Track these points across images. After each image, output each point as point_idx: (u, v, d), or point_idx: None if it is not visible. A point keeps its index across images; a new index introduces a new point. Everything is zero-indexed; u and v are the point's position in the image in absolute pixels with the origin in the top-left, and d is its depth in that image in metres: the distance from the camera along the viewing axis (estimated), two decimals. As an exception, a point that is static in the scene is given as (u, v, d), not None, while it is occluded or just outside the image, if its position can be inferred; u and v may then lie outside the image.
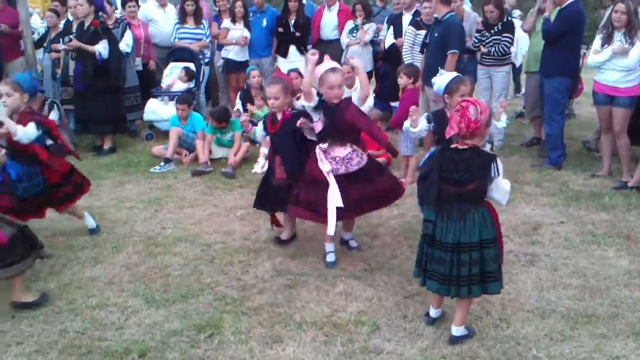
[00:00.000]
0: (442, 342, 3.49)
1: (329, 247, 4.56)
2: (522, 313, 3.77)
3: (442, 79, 4.48)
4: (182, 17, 8.82)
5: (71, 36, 7.67)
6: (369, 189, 4.41)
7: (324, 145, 4.42)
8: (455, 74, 4.59)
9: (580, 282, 4.17)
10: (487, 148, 4.07)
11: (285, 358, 3.36)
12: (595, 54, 6.21)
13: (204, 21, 8.88)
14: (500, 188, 3.32)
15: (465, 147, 3.32)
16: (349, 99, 4.60)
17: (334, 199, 4.26)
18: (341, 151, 4.40)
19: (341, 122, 4.37)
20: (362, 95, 4.59)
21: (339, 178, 4.34)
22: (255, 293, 4.09)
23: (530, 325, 3.63)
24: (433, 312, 3.69)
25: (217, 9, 9.60)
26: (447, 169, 3.33)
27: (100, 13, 7.84)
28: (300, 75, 7.54)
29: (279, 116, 4.77)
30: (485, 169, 3.27)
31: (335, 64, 4.51)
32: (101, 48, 7.40)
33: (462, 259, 3.31)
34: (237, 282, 4.26)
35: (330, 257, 4.55)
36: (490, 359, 3.32)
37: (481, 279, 3.33)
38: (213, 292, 4.11)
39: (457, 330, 3.48)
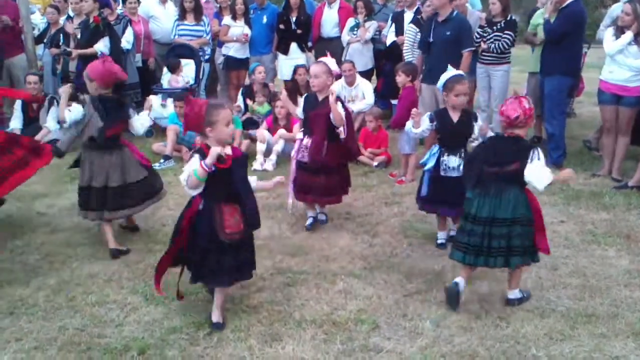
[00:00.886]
0: (441, 341, 3.49)
1: (308, 213, 5.28)
2: (522, 312, 3.76)
3: (445, 75, 4.54)
4: (182, 13, 8.80)
5: (69, 49, 7.67)
6: (320, 182, 4.98)
7: (302, 132, 5.12)
8: (456, 71, 4.62)
9: (580, 282, 4.16)
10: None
11: (284, 356, 3.36)
12: (611, 41, 6.15)
13: (204, 18, 8.86)
14: (539, 172, 3.59)
15: (512, 136, 3.73)
16: (339, 98, 4.99)
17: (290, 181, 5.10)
18: (309, 140, 4.96)
19: (315, 115, 4.93)
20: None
21: (303, 164, 5.02)
22: (255, 291, 4.09)
23: (529, 324, 3.63)
24: (460, 282, 3.85)
25: (218, 5, 9.58)
26: (491, 153, 3.78)
27: (103, 10, 7.82)
28: (307, 71, 7.56)
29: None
30: (526, 151, 3.63)
31: (329, 60, 5.05)
32: (102, 46, 7.38)
33: (493, 232, 3.66)
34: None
35: (308, 221, 5.23)
36: (489, 358, 3.32)
37: (508, 252, 3.68)
38: (212, 290, 4.10)
39: (512, 293, 3.85)
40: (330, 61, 5.08)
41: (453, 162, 4.55)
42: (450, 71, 4.58)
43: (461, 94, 4.45)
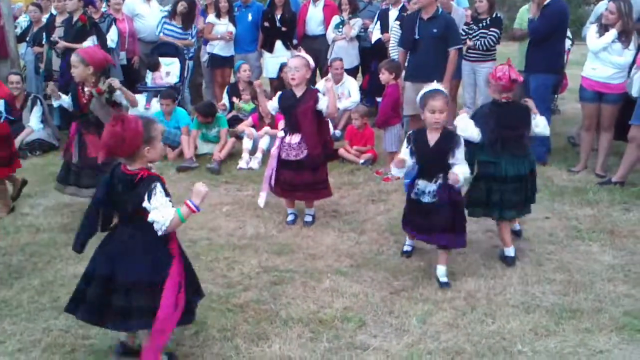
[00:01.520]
0: (428, 337, 3.50)
1: (288, 210, 5.34)
2: (508, 308, 3.79)
3: (423, 90, 4.17)
4: (173, 13, 8.73)
5: (57, 37, 7.56)
6: (307, 178, 5.04)
7: (283, 130, 5.13)
8: (436, 86, 4.19)
9: (565, 277, 4.20)
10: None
11: (271, 355, 3.35)
12: (595, 38, 6.19)
13: (192, 28, 8.80)
14: (541, 122, 4.41)
15: (509, 100, 4.33)
16: (313, 94, 5.02)
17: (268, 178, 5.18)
18: (293, 138, 5.01)
19: (296, 114, 4.97)
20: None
21: (284, 162, 5.05)
22: (241, 290, 4.08)
23: (515, 320, 3.65)
24: (508, 251, 4.47)
25: (203, 3, 9.53)
26: (504, 118, 4.27)
27: (87, 8, 7.74)
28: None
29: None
30: (527, 115, 4.37)
31: (304, 55, 5.24)
32: (90, 45, 7.30)
33: (518, 187, 4.35)
34: (222, 279, 4.24)
35: (289, 218, 5.28)
36: (475, 354, 3.34)
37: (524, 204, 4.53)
38: (198, 289, 4.08)
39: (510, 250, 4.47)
40: (306, 55, 5.18)
41: (426, 187, 4.12)
42: (430, 85, 4.20)
43: (436, 110, 3.96)
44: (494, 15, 7.44)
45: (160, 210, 2.94)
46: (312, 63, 5.16)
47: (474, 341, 3.44)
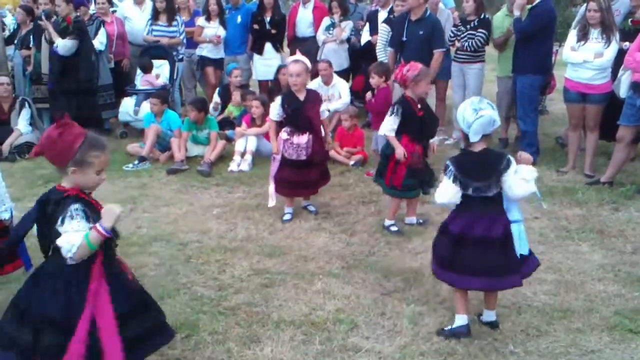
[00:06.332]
0: (420, 339, 3.50)
1: (287, 209, 5.39)
2: (499, 309, 3.78)
3: None
4: (155, 14, 8.70)
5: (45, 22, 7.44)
6: (315, 175, 5.29)
7: (286, 132, 5.14)
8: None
9: (556, 277, 4.22)
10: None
11: (263, 358, 3.34)
12: (571, 50, 6.27)
13: (177, 18, 8.77)
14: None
15: None
16: (317, 96, 5.27)
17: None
18: (302, 138, 5.11)
19: (306, 115, 5.09)
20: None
21: (293, 162, 5.14)
22: (232, 293, 4.06)
23: (506, 320, 3.66)
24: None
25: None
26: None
27: (79, 9, 7.66)
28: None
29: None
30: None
31: (301, 57, 5.19)
32: (61, 44, 7.20)
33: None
34: (213, 282, 4.22)
35: (286, 217, 5.33)
36: (467, 355, 3.34)
37: None
38: (189, 292, 4.06)
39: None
40: (305, 58, 5.18)
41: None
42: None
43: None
44: (481, 17, 7.47)
45: (68, 235, 2.59)
46: (309, 65, 5.24)
47: (466, 342, 3.45)
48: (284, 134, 5.19)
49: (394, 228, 5.01)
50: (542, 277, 4.21)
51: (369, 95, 6.52)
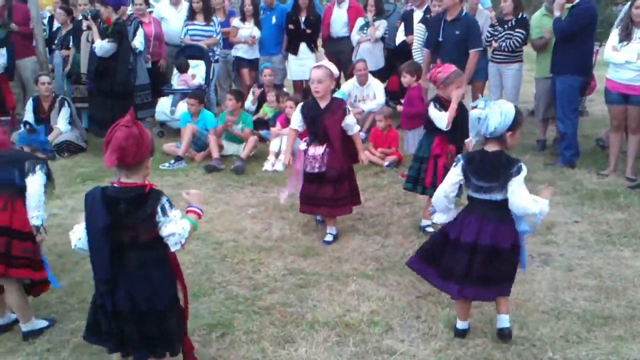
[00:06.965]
0: (455, 343, 3.45)
1: (329, 229, 5.01)
2: (537, 314, 3.72)
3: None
4: (191, 14, 8.79)
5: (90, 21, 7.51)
6: (329, 192, 4.78)
7: (305, 142, 4.87)
8: None
9: (596, 283, 4.12)
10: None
11: (297, 359, 3.34)
12: (612, 50, 6.12)
13: (214, 18, 8.84)
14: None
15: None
16: (341, 106, 4.82)
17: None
18: (317, 149, 4.76)
19: (323, 125, 4.75)
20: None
21: (306, 174, 4.83)
22: (267, 292, 4.07)
23: (545, 326, 3.59)
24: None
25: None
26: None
27: (119, 9, 7.72)
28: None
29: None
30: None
31: (325, 62, 4.90)
32: (99, 45, 7.28)
33: None
34: (248, 281, 4.24)
35: (327, 237, 4.94)
36: (505, 361, 3.29)
37: None
38: (225, 291, 4.09)
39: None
40: (329, 64, 4.91)
41: None
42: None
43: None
44: (519, 16, 7.35)
45: (177, 222, 2.73)
46: (335, 71, 4.90)
47: (503, 347, 3.39)
48: (302, 144, 4.93)
49: (430, 229, 4.95)
50: (583, 282, 4.12)
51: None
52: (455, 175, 3.39)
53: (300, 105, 5.08)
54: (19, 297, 3.57)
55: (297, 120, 4.96)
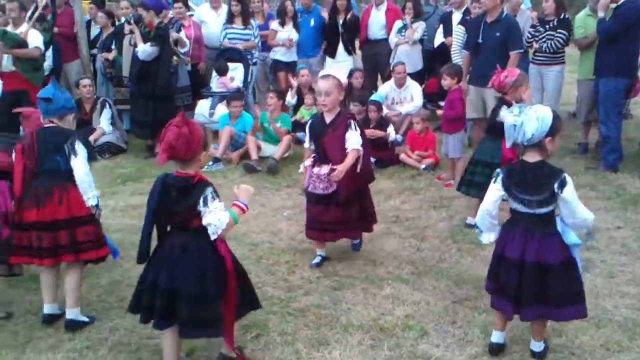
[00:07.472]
0: (492, 349, 3.40)
1: (318, 252, 4.63)
2: (577, 322, 3.62)
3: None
4: (230, 17, 8.88)
5: (133, 25, 7.63)
6: (336, 215, 4.37)
7: (312, 159, 4.47)
8: None
9: (638, 290, 4.01)
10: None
11: (331, 361, 3.34)
12: None
13: (252, 21, 8.91)
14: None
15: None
16: (345, 121, 4.30)
17: None
18: (322, 169, 4.32)
19: (323, 142, 4.34)
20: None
21: (311, 195, 4.43)
22: (302, 294, 4.08)
23: (585, 334, 3.51)
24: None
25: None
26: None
27: (161, 13, 7.82)
28: (363, 74, 7.97)
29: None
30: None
31: (332, 72, 4.41)
32: (141, 49, 7.40)
33: None
34: (283, 283, 4.26)
35: (316, 259, 4.57)
36: (542, 369, 3.22)
37: None
38: (260, 292, 4.07)
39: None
40: (338, 72, 4.44)
41: None
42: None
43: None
44: (561, 17, 7.21)
45: (216, 213, 2.93)
46: (344, 81, 4.36)
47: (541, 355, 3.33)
48: (307, 161, 4.50)
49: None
50: (624, 290, 4.02)
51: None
52: (495, 190, 3.25)
53: (311, 120, 4.77)
54: (78, 279, 3.78)
55: (307, 137, 4.56)
